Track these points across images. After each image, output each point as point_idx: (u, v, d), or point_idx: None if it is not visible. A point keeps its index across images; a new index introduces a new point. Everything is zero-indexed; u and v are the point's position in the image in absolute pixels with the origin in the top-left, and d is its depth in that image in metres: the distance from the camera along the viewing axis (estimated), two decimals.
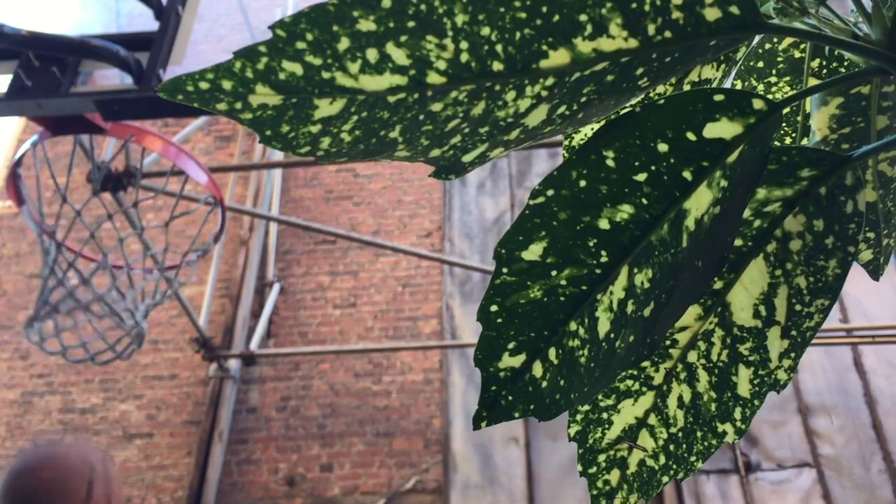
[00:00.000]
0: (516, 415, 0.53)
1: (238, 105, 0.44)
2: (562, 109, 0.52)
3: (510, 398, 0.53)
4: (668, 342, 0.66)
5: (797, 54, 0.78)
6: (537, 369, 0.53)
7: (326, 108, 0.46)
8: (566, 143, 0.74)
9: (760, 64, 0.80)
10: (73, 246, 3.73)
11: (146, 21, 2.72)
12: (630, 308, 0.54)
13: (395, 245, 5.24)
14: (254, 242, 6.06)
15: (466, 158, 0.54)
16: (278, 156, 6.21)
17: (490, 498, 4.99)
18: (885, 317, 5.27)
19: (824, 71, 0.76)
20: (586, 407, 0.67)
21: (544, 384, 0.53)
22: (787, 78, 0.80)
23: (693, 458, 0.67)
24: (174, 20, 2.64)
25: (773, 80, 0.80)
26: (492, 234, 6.03)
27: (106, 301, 3.50)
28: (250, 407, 5.48)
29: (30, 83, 2.57)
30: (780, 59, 0.79)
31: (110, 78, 2.71)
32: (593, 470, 0.67)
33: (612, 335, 0.54)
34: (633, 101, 0.59)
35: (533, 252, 0.52)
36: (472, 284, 5.82)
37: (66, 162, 3.45)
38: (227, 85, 0.43)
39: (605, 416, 0.67)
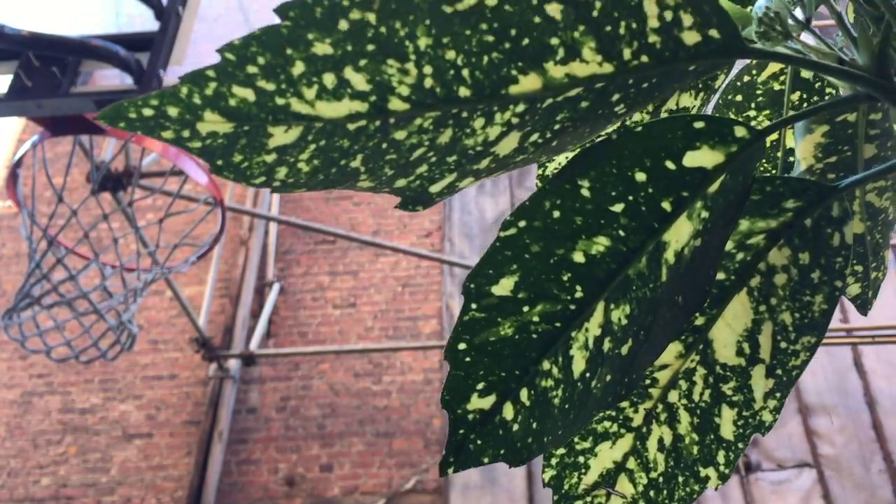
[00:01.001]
0: (485, 460, 0.50)
1: (185, 133, 0.41)
2: (534, 137, 0.50)
3: (479, 442, 0.50)
4: (647, 381, 0.63)
5: (777, 87, 0.75)
6: (508, 411, 0.50)
7: (281, 136, 0.43)
8: (540, 171, 0.72)
9: (739, 97, 0.77)
10: (70, 246, 3.71)
11: (146, 21, 2.71)
12: (607, 346, 0.52)
13: (394, 245, 5.22)
14: (253, 242, 6.05)
15: (434, 189, 0.51)
16: None
17: (490, 498, 4.98)
18: (886, 317, 5.24)
19: (805, 104, 0.73)
20: (561, 450, 0.63)
21: (515, 427, 0.50)
22: (767, 112, 0.77)
23: None
24: (174, 21, 2.63)
25: (752, 113, 0.77)
26: (492, 234, 6.00)
27: (89, 298, 3.48)
28: (250, 407, 5.47)
29: (30, 83, 2.56)
30: (759, 91, 0.76)
31: (110, 78, 2.70)
32: None
33: (588, 375, 0.51)
34: (610, 129, 0.57)
35: (504, 287, 0.50)
36: None
37: (66, 162, 3.44)
38: (173, 112, 0.41)
39: (581, 459, 0.64)
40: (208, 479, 5.06)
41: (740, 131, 0.52)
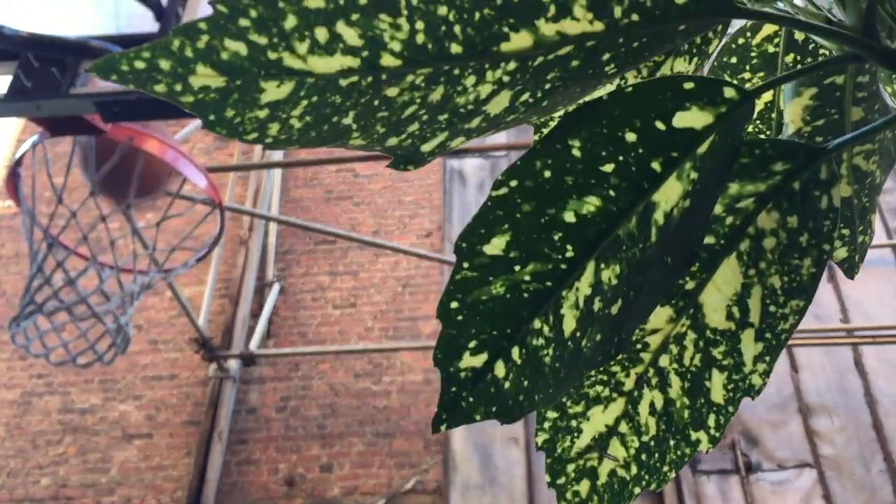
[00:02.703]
0: (477, 417, 0.50)
1: (178, 87, 0.41)
2: (525, 96, 0.50)
3: (471, 399, 0.50)
4: (639, 346, 0.63)
5: (771, 49, 0.75)
6: (500, 369, 0.50)
7: (274, 91, 0.43)
8: (536, 137, 0.72)
9: (734, 60, 0.77)
10: (70, 246, 3.70)
11: (146, 22, 2.70)
12: (597, 305, 0.51)
13: (395, 245, 5.22)
14: (253, 242, 6.05)
15: (426, 148, 0.51)
16: (278, 156, 6.20)
17: (490, 498, 4.97)
18: (886, 317, 5.24)
19: (798, 66, 0.73)
20: (554, 414, 0.63)
21: (507, 385, 0.50)
22: (762, 74, 0.77)
23: (666, 468, 0.64)
24: (174, 21, 2.62)
25: (747, 76, 0.77)
26: None
27: (87, 303, 3.46)
28: (250, 407, 5.47)
29: (29, 84, 2.55)
30: (753, 54, 0.77)
31: None
32: (562, 480, 0.64)
33: (579, 334, 0.51)
34: (601, 90, 0.57)
35: (495, 246, 0.50)
36: None
37: (65, 162, 3.44)
38: (164, 65, 0.41)
39: (574, 423, 0.64)
40: (208, 479, 5.05)
41: (729, 92, 0.52)
